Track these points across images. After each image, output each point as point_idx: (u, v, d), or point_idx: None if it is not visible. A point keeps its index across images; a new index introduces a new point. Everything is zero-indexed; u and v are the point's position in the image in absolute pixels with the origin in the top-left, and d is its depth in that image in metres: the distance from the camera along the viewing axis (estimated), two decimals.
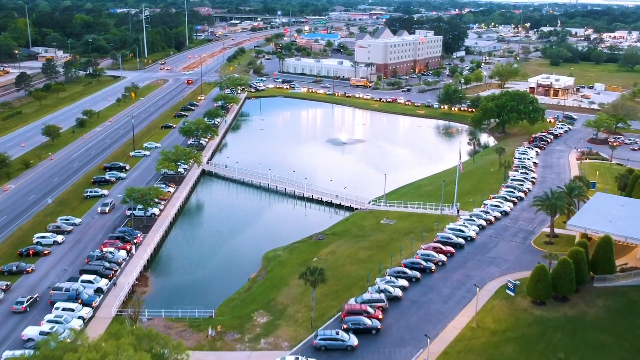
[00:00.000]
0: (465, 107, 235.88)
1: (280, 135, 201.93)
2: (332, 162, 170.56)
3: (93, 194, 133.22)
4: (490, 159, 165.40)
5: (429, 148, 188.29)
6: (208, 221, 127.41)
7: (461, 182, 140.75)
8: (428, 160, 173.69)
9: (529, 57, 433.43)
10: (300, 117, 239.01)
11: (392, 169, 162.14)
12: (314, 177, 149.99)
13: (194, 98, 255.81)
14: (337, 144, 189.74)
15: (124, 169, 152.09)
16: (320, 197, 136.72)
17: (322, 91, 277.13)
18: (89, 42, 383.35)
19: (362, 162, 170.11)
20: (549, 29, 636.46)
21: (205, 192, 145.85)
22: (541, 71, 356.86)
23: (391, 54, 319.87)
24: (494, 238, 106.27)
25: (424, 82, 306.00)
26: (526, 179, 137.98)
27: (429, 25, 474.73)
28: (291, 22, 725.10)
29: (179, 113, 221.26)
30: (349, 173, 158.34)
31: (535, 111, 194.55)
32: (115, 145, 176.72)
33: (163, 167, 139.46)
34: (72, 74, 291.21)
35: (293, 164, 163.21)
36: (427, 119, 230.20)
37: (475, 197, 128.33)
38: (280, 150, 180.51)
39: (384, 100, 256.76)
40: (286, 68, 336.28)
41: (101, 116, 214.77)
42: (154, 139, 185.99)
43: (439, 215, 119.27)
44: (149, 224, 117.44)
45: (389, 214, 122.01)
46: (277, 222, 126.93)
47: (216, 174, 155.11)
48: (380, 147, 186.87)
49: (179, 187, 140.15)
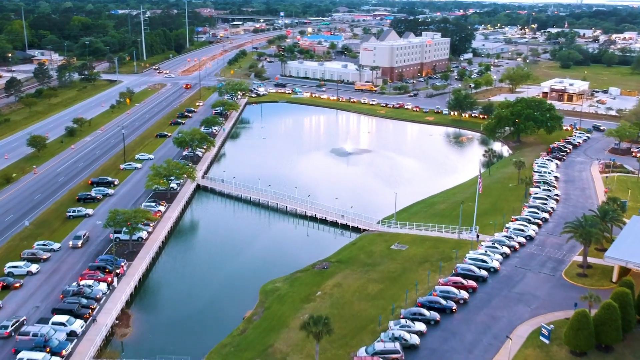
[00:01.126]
0: (477, 113, 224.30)
1: (282, 144, 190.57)
2: (336, 175, 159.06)
3: (76, 213, 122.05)
4: (507, 172, 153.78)
5: (440, 159, 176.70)
6: (201, 245, 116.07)
7: (478, 199, 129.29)
8: (440, 173, 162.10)
9: (538, 59, 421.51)
10: (302, 124, 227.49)
11: (402, 183, 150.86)
12: (318, 193, 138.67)
13: (192, 104, 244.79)
14: (342, 154, 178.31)
15: (112, 185, 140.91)
16: (324, 216, 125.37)
17: (326, 96, 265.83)
18: (86, 44, 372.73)
19: (369, 175, 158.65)
20: (557, 30, 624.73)
21: (200, 210, 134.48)
22: (551, 74, 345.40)
23: (397, 57, 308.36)
24: (519, 269, 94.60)
25: (431, 86, 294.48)
26: (549, 197, 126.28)
27: (435, 27, 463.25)
28: (294, 23, 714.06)
29: (175, 120, 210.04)
30: (354, 188, 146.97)
31: (553, 119, 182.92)
32: (106, 156, 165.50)
33: (154, 183, 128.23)
34: (66, 78, 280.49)
35: (295, 178, 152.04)
36: (437, 126, 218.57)
37: (495, 218, 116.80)
38: (282, 161, 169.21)
39: (390, 106, 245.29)
40: (288, 71, 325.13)
41: (93, 124, 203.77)
42: (147, 149, 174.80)
43: (457, 240, 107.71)
44: (135, 249, 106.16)
45: (400, 238, 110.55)
46: (277, 245, 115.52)
47: (212, 189, 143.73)
48: (387, 158, 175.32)
49: (170, 205, 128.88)
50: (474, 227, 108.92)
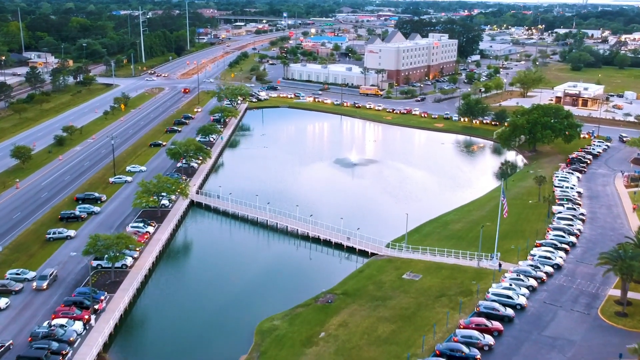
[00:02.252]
0: (488, 120, 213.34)
1: (283, 154, 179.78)
2: (341, 190, 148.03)
3: (57, 235, 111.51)
4: (525, 186, 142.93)
5: (451, 170, 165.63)
6: (193, 271, 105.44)
7: (496, 219, 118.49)
8: (452, 187, 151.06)
9: (548, 61, 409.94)
10: (305, 132, 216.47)
11: (411, 199, 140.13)
12: (321, 210, 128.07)
13: (190, 109, 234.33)
14: (347, 165, 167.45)
15: (99, 201, 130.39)
16: (328, 237, 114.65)
17: (330, 101, 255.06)
18: (83, 46, 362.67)
19: (376, 189, 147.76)
20: (564, 30, 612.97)
21: (193, 230, 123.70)
22: (562, 77, 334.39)
23: (404, 60, 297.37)
24: (549, 306, 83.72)
25: (439, 89, 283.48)
26: (574, 217, 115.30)
27: (441, 28, 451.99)
28: (297, 24, 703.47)
29: (171, 128, 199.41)
30: (361, 204, 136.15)
31: (571, 127, 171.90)
32: (95, 168, 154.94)
33: (142, 201, 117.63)
34: (61, 82, 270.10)
35: (296, 193, 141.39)
36: (446, 133, 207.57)
37: (517, 242, 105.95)
38: (283, 173, 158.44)
39: (397, 112, 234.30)
40: (291, 74, 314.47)
41: (84, 132, 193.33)
42: (139, 160, 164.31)
43: (476, 268, 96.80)
44: (118, 278, 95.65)
45: (413, 265, 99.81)
46: (276, 271, 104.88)
47: (207, 205, 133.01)
48: (395, 170, 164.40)
49: (160, 224, 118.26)
50: (495, 253, 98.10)
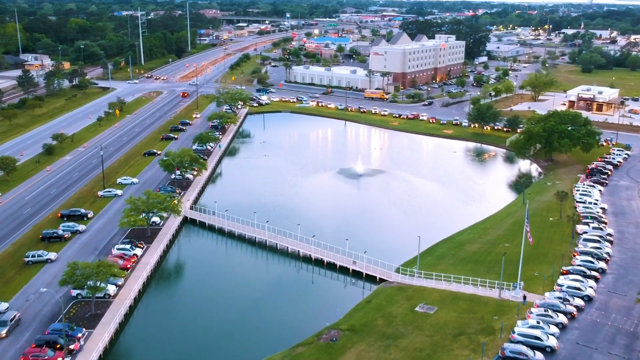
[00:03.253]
0: (500, 126, 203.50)
1: (284, 163, 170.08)
2: (346, 204, 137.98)
3: (36, 258, 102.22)
4: (543, 200, 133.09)
5: (463, 182, 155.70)
6: (183, 301, 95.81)
7: (515, 239, 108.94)
8: (465, 201, 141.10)
9: (557, 63, 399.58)
10: (308, 139, 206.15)
11: (422, 214, 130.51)
12: (324, 228, 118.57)
13: (189, 115, 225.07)
14: (351, 176, 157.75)
15: (85, 218, 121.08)
16: (332, 260, 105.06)
17: (333, 105, 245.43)
18: (81, 48, 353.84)
19: (383, 204, 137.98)
20: (572, 31, 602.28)
21: (185, 251, 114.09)
22: (573, 79, 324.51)
23: (410, 62, 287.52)
24: (583, 348, 74.02)
25: (447, 93, 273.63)
26: (602, 238, 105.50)
27: (447, 29, 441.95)
28: (300, 24, 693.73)
29: (167, 135, 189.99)
30: (367, 221, 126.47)
31: (590, 135, 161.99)
32: (83, 180, 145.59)
33: (130, 221, 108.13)
34: (55, 86, 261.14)
35: (298, 208, 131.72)
36: (456, 140, 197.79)
37: (541, 267, 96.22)
38: (283, 186, 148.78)
39: (404, 117, 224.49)
40: (293, 77, 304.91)
41: (76, 139, 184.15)
42: (132, 170, 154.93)
43: (497, 300, 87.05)
44: (99, 310, 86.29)
45: (426, 294, 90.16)
46: (275, 299, 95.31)
47: (201, 222, 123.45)
48: (404, 181, 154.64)
49: (150, 245, 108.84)
50: (518, 282, 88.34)
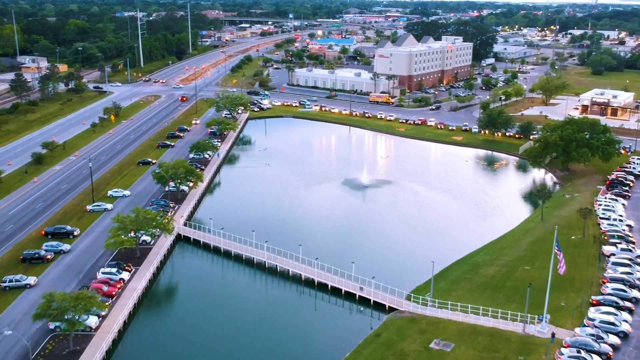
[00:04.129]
0: (511, 132, 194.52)
1: (286, 173, 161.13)
2: (351, 220, 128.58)
3: (14, 284, 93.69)
4: (563, 215, 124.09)
5: (476, 193, 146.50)
6: (173, 331, 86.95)
7: (536, 261, 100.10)
8: (479, 216, 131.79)
9: (566, 64, 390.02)
10: (311, 145, 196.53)
11: (432, 230, 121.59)
12: (328, 248, 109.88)
13: (187, 120, 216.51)
14: (357, 187, 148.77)
15: (71, 236, 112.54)
16: (337, 285, 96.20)
17: (337, 110, 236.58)
18: (79, 50, 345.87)
19: (391, 219, 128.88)
20: (579, 32, 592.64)
21: (178, 274, 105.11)
22: (584, 82, 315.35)
23: (416, 64, 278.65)
24: None
25: (454, 96, 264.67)
26: (632, 261, 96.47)
27: (453, 29, 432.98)
28: (303, 25, 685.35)
29: (163, 143, 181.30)
30: (374, 239, 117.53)
31: (609, 144, 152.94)
32: (72, 193, 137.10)
33: (116, 242, 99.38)
34: (50, 90, 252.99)
35: (299, 225, 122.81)
36: (466, 147, 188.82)
37: (567, 296, 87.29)
38: (284, 199, 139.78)
39: (410, 123, 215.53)
40: (296, 80, 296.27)
41: (68, 147, 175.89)
42: (124, 182, 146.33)
43: (521, 335, 78.12)
44: (78, 346, 77.68)
45: (442, 327, 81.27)
46: (275, 328, 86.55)
47: (195, 240, 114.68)
48: (412, 193, 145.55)
49: (138, 268, 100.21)
50: (544, 316, 79.36)
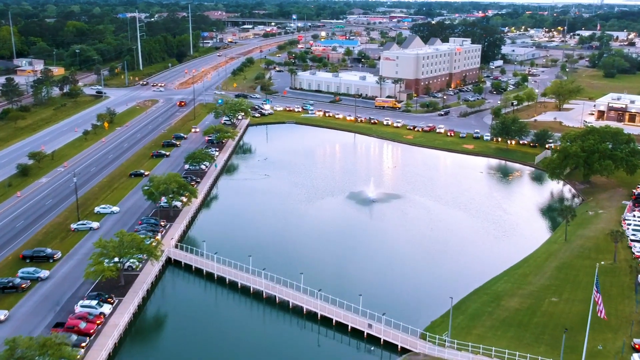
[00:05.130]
0: (525, 140, 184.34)
1: (286, 185, 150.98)
2: (357, 242, 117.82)
3: None
4: (588, 236, 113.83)
5: (492, 209, 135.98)
6: None
7: (564, 291, 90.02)
8: (496, 234, 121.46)
9: (576, 67, 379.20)
10: (314, 155, 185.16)
11: (447, 253, 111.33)
12: (333, 278, 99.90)
13: (185, 127, 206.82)
14: (363, 202, 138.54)
15: (51, 259, 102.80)
16: (342, 320, 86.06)
17: (342, 115, 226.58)
18: (76, 52, 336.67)
19: (401, 239, 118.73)
20: (588, 32, 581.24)
21: (166, 305, 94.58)
22: (596, 85, 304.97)
23: (424, 67, 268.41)
24: None
25: (463, 101, 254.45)
26: None
27: (460, 30, 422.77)
28: (307, 26, 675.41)
29: (158, 152, 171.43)
30: (383, 264, 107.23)
31: (634, 155, 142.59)
32: (57, 209, 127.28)
33: (97, 271, 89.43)
34: (44, 95, 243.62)
35: (301, 249, 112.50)
36: (478, 156, 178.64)
37: (604, 336, 77.10)
38: (284, 217, 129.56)
39: (418, 129, 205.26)
40: (299, 84, 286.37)
41: (57, 157, 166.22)
42: (113, 197, 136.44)
43: None
44: None
45: None
46: None
47: (187, 265, 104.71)
48: (423, 209, 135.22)
49: (122, 299, 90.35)
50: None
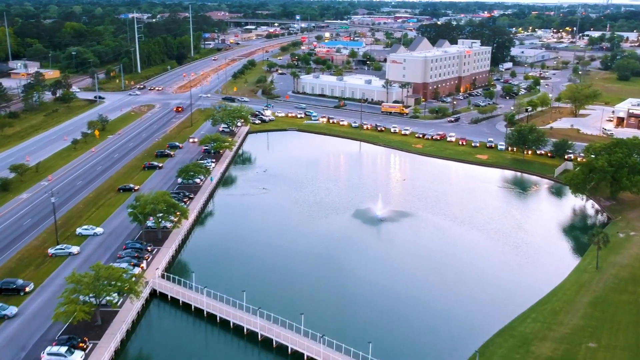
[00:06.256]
0: (543, 150, 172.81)
1: (286, 202, 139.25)
2: (364, 273, 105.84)
3: None
4: (622, 263, 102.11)
5: (512, 230, 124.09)
6: None
7: (602, 335, 78.42)
8: (518, 261, 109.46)
9: (588, 69, 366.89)
10: (316, 167, 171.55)
11: (466, 284, 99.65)
12: (337, 319, 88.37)
13: (181, 134, 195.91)
14: (370, 221, 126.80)
15: (23, 292, 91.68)
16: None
17: (347, 122, 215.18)
18: (72, 55, 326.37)
19: (414, 268, 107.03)
20: (597, 33, 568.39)
21: (148, 347, 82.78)
22: (610, 88, 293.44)
23: (432, 71, 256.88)
24: None
25: (474, 106, 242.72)
26: None
27: (468, 31, 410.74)
28: (311, 27, 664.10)
29: (150, 163, 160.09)
30: (395, 302, 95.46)
31: None
32: (35, 230, 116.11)
33: (68, 312, 78.09)
34: (35, 100, 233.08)
35: (301, 281, 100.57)
36: (492, 167, 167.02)
37: None
38: (282, 240, 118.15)
39: (428, 137, 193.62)
40: (302, 87, 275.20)
41: (43, 168, 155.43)
42: (98, 215, 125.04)
43: None
44: None
45: None
46: None
47: (173, 299, 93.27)
48: (436, 230, 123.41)
49: (97, 342, 79.08)
50: None
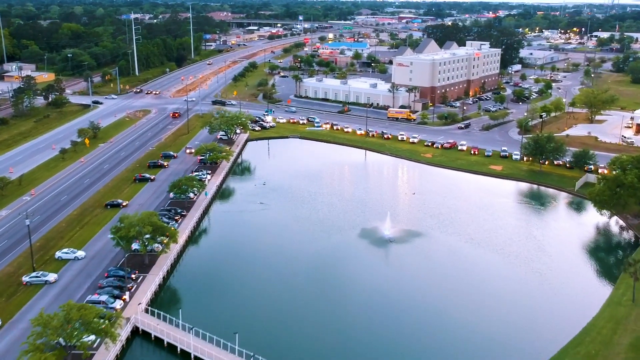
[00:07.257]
0: (560, 161, 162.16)
1: (287, 219, 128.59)
2: (372, 307, 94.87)
3: None
4: None
5: (535, 254, 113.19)
6: None
7: None
8: (543, 289, 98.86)
9: (600, 71, 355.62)
10: (320, 178, 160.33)
11: (487, 321, 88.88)
12: None
13: (176, 142, 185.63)
14: (378, 242, 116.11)
15: None
16: None
17: (351, 129, 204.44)
18: (68, 57, 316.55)
19: (426, 296, 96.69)
20: (606, 34, 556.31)
21: None
22: (624, 92, 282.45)
23: (440, 74, 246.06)
24: None
25: (484, 111, 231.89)
26: None
27: (475, 32, 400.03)
28: (314, 27, 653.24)
29: (142, 175, 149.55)
30: (404, 336, 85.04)
31: None
32: (10, 255, 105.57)
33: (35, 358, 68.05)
34: (25, 105, 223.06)
35: (300, 320, 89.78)
36: (507, 179, 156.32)
37: None
38: (280, 269, 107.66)
39: (438, 146, 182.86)
40: (304, 91, 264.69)
41: (26, 181, 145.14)
42: (82, 236, 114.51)
43: None
44: None
45: None
46: None
47: (157, 339, 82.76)
48: (451, 252, 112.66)
49: None
50: None
